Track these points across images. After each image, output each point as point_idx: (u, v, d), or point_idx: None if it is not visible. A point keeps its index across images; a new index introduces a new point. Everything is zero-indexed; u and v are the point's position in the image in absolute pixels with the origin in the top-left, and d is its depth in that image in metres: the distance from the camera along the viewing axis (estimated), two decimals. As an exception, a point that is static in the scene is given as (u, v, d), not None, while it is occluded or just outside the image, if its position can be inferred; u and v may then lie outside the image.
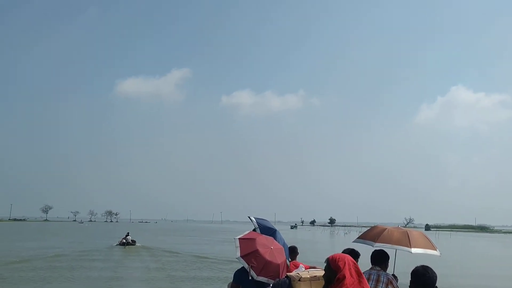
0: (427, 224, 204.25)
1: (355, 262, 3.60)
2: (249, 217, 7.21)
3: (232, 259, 25.87)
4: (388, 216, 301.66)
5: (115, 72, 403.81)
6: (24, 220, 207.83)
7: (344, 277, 3.32)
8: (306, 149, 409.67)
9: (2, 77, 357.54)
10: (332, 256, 3.57)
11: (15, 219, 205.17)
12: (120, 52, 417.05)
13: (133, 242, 41.98)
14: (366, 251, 5.79)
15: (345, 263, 3.42)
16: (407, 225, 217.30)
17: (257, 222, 7.00)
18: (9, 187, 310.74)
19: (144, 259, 30.23)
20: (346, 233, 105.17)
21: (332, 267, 3.44)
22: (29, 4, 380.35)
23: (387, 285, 5.15)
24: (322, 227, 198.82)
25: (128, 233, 44.22)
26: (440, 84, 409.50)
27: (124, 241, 41.44)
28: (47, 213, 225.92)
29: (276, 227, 7.22)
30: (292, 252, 7.21)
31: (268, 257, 5.89)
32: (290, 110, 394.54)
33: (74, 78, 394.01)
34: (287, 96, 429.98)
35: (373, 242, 6.15)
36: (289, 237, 45.62)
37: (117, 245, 41.81)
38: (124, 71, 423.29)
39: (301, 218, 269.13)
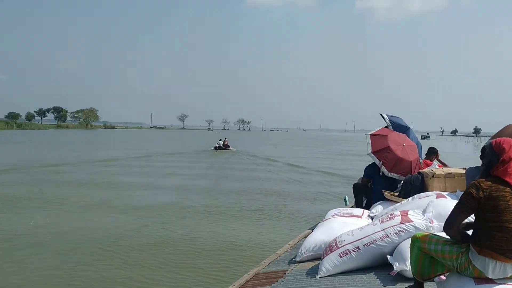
0: None
1: None
2: (381, 114, 7.06)
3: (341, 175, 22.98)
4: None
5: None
6: (163, 128, 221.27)
7: (510, 159, 3.05)
8: (450, 54, 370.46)
9: None
10: (496, 140, 3.26)
11: (155, 127, 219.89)
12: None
13: (226, 147, 41.79)
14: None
15: (510, 146, 3.13)
16: None
17: (389, 120, 6.88)
18: (150, 97, 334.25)
19: (213, 161, 29.76)
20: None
21: (496, 150, 3.17)
22: None
23: None
24: (466, 137, 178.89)
25: (225, 138, 44.85)
26: None
27: (217, 145, 41.29)
28: (183, 122, 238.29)
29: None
30: (430, 152, 7.15)
31: (400, 154, 5.88)
32: (433, 11, 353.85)
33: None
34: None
35: None
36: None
37: (212, 149, 41.38)
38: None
39: (441, 128, 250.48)
